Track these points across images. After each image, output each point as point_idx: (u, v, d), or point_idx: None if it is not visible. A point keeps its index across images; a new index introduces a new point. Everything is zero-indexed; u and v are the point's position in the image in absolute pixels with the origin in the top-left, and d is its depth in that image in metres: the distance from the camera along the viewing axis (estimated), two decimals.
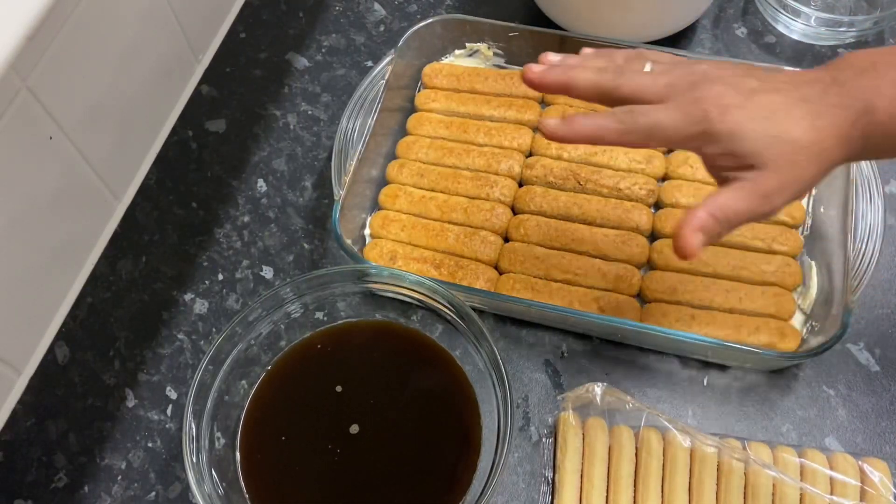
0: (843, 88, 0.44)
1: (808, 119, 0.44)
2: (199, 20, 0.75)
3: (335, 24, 0.81)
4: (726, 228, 0.46)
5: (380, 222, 0.66)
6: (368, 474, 0.53)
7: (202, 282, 0.66)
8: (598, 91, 0.49)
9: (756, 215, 0.46)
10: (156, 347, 0.63)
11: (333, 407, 0.55)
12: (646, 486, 0.53)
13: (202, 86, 0.77)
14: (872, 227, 0.58)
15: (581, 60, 0.51)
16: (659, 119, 0.46)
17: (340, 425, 0.54)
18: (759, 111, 0.44)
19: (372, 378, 0.56)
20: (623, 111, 0.47)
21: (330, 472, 0.53)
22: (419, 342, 0.58)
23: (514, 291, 0.61)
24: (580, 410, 0.57)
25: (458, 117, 0.71)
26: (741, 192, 0.45)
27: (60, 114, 0.58)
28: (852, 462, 0.54)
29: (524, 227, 0.64)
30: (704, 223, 0.45)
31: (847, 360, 0.60)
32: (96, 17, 0.59)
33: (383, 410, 0.55)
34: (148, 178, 0.71)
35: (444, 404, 0.55)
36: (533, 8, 0.78)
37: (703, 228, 0.45)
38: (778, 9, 0.76)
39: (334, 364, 0.58)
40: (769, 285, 0.61)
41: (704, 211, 0.45)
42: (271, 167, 0.72)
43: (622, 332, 0.60)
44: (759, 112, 0.44)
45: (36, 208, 0.58)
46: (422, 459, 0.54)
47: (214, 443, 0.53)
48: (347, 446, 0.54)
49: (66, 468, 0.58)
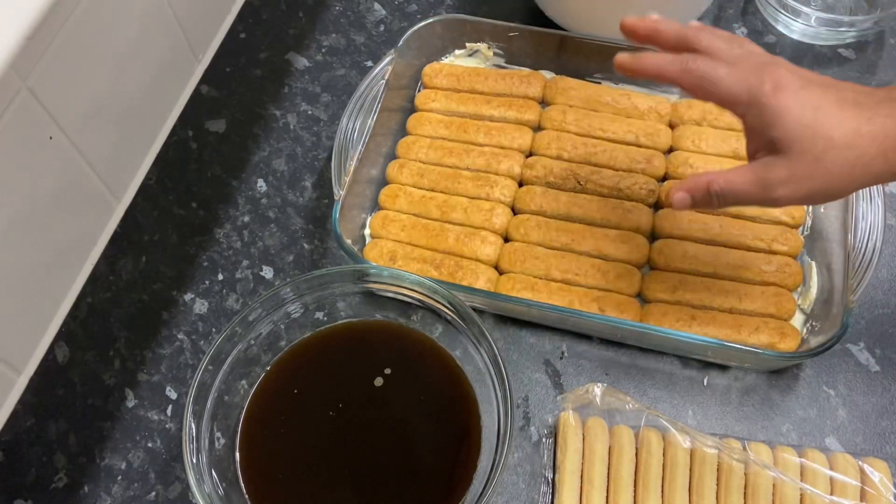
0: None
1: (854, 122, 0.44)
2: (199, 20, 0.75)
3: (335, 24, 0.81)
4: (718, 202, 0.48)
5: (380, 222, 0.66)
6: (368, 474, 0.53)
7: (202, 282, 0.66)
8: (679, 38, 0.50)
9: (753, 200, 0.47)
10: (156, 347, 0.63)
11: (333, 407, 0.55)
12: (646, 487, 0.53)
13: (202, 86, 0.77)
14: (872, 227, 0.58)
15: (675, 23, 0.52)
16: (718, 72, 0.47)
17: (340, 425, 0.54)
18: (810, 101, 0.44)
19: (372, 378, 0.56)
20: (689, 55, 0.49)
21: (330, 472, 0.53)
22: (419, 342, 0.58)
23: (514, 291, 0.61)
24: (580, 410, 0.57)
25: (458, 117, 0.71)
26: (748, 174, 0.47)
27: (60, 114, 0.58)
28: (852, 462, 0.54)
29: (524, 227, 0.64)
30: (695, 188, 0.48)
31: (847, 360, 0.60)
32: (96, 17, 0.59)
33: (383, 410, 0.55)
34: (148, 178, 0.71)
35: (444, 404, 0.55)
36: (533, 8, 0.78)
37: (691, 191, 0.48)
38: (778, 9, 0.76)
39: (334, 364, 0.58)
40: (769, 285, 0.61)
41: (706, 178, 0.48)
42: (271, 167, 0.72)
43: (622, 332, 0.60)
44: (810, 101, 0.44)
45: (36, 208, 0.58)
46: (422, 459, 0.54)
47: (214, 443, 0.53)
48: (347, 446, 0.54)
49: (66, 468, 0.58)
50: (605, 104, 0.70)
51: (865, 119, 0.44)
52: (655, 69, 0.50)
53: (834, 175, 0.44)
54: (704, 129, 0.68)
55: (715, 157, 0.67)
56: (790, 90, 0.45)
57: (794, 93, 0.45)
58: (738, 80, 0.46)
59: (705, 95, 0.48)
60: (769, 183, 0.45)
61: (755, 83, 0.46)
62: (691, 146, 0.67)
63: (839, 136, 0.43)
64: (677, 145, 0.68)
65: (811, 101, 0.44)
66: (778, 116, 0.45)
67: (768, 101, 0.45)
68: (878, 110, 0.44)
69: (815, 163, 0.44)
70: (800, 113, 0.44)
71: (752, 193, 0.47)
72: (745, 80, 0.46)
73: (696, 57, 0.48)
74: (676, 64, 0.49)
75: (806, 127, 0.44)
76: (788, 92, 0.45)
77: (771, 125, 0.45)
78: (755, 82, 0.46)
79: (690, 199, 0.49)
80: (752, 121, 0.47)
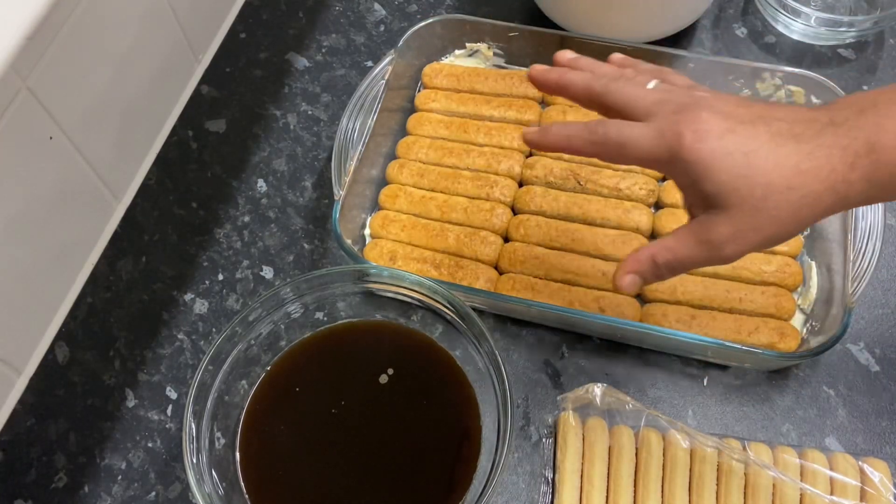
0: (842, 129, 0.40)
1: (793, 160, 0.39)
2: (199, 20, 0.75)
3: (335, 24, 0.81)
4: (668, 273, 0.45)
5: (380, 222, 0.66)
6: (368, 474, 0.53)
7: (202, 282, 0.66)
8: (588, 95, 0.47)
9: (703, 263, 0.43)
10: (156, 347, 0.63)
11: (333, 408, 0.55)
12: (646, 487, 0.53)
13: (202, 86, 0.77)
14: (872, 227, 0.58)
15: (588, 63, 0.49)
16: (632, 135, 0.43)
17: (340, 425, 0.54)
18: (739, 145, 0.40)
19: (372, 378, 0.56)
20: (597, 122, 0.45)
21: (330, 472, 0.53)
22: (419, 342, 0.58)
23: (514, 291, 0.61)
24: (580, 410, 0.57)
25: (458, 117, 0.71)
26: (690, 238, 0.43)
27: (60, 114, 0.58)
28: (852, 462, 0.54)
29: (524, 227, 0.64)
30: (641, 268, 0.45)
31: (847, 360, 0.60)
32: (96, 17, 0.59)
33: (383, 410, 0.55)
34: (148, 178, 0.71)
35: (444, 404, 0.55)
36: (533, 8, 0.78)
37: (639, 272, 0.45)
38: (778, 9, 0.76)
39: (334, 364, 0.58)
40: (769, 285, 0.61)
41: (647, 252, 0.44)
42: (271, 167, 0.72)
43: (622, 332, 0.60)
44: (738, 146, 0.40)
45: (36, 208, 0.58)
46: (422, 459, 0.54)
47: (214, 443, 0.53)
48: (347, 446, 0.54)
49: (66, 468, 0.58)
50: None
51: (805, 154, 0.40)
52: (565, 143, 0.46)
53: (781, 220, 0.40)
54: None
55: None
56: (713, 137, 0.40)
57: (719, 139, 0.40)
58: (653, 138, 0.42)
59: (620, 161, 0.45)
60: (714, 244, 0.42)
61: (673, 138, 0.41)
62: None
63: (778, 179, 0.39)
64: None
65: (740, 145, 0.40)
66: (706, 170, 0.40)
67: (689, 156, 0.40)
68: (820, 140, 0.40)
69: (757, 213, 0.40)
70: (730, 162, 0.40)
71: (698, 257, 0.43)
72: (662, 135, 0.42)
73: (603, 122, 0.44)
74: (584, 134, 0.45)
75: (739, 176, 0.40)
76: (712, 139, 0.40)
77: (700, 180, 0.41)
78: (672, 137, 0.41)
79: (640, 279, 0.45)
80: (680, 179, 0.43)
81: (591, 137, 0.45)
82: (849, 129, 0.40)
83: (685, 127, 0.41)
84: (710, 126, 0.41)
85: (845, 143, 0.40)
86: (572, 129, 0.46)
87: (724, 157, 0.40)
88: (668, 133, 0.42)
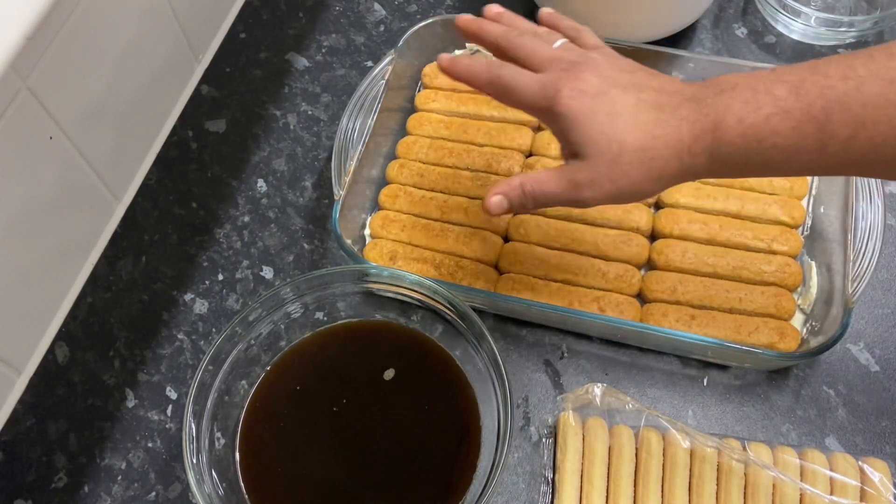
0: (698, 105, 0.44)
1: (648, 126, 0.44)
2: (199, 20, 0.75)
3: (335, 24, 0.81)
4: (532, 203, 0.49)
5: (380, 222, 0.66)
6: (368, 474, 0.53)
7: (202, 282, 0.66)
8: (497, 46, 0.52)
9: (564, 200, 0.48)
10: (156, 347, 0.63)
11: (333, 407, 0.55)
12: (646, 487, 0.53)
13: (202, 86, 0.77)
14: (872, 227, 0.58)
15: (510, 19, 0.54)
16: (519, 81, 0.48)
17: (340, 426, 0.54)
18: (606, 106, 0.45)
19: (371, 378, 0.56)
20: (496, 63, 0.50)
21: (329, 472, 0.53)
22: (419, 342, 0.58)
23: (514, 291, 0.61)
24: (580, 410, 0.57)
25: (458, 117, 0.71)
26: (556, 176, 0.48)
27: (60, 114, 0.58)
28: (852, 462, 0.54)
29: (524, 227, 0.64)
30: (510, 191, 0.49)
31: (847, 360, 0.60)
32: (96, 17, 0.59)
33: (383, 410, 0.55)
34: (148, 178, 0.71)
35: (445, 404, 0.55)
36: (533, 8, 0.78)
37: (507, 194, 0.49)
38: (778, 9, 0.76)
39: (334, 364, 0.58)
40: (769, 285, 0.61)
41: (518, 179, 0.49)
42: (271, 167, 0.72)
43: (622, 332, 0.60)
44: (605, 107, 0.45)
45: (36, 208, 0.58)
46: (422, 459, 0.54)
47: (214, 443, 0.53)
48: (347, 446, 0.54)
49: (66, 468, 0.58)
50: None
51: (661, 122, 0.44)
52: (468, 75, 0.51)
53: (632, 177, 0.45)
54: None
55: None
56: (586, 96, 0.45)
57: (591, 98, 0.45)
58: (537, 88, 0.47)
59: (508, 103, 0.50)
60: (576, 184, 0.46)
61: (552, 91, 0.46)
62: None
63: (631, 140, 0.44)
64: None
65: (606, 106, 0.45)
66: (572, 123, 0.46)
67: (561, 110, 0.46)
68: (677, 112, 0.44)
69: (612, 165, 0.45)
70: (595, 119, 0.45)
71: (560, 194, 0.47)
72: (545, 88, 0.47)
73: (503, 65, 0.50)
74: (484, 72, 0.50)
75: (600, 133, 0.45)
76: (585, 98, 0.45)
77: (567, 131, 0.46)
78: (553, 90, 0.46)
79: (507, 201, 0.49)
80: (553, 127, 0.48)
81: (488, 76, 0.50)
82: (704, 105, 0.44)
83: (565, 84, 0.46)
84: (586, 86, 0.46)
85: (695, 119, 0.44)
86: (477, 66, 0.51)
87: (591, 115, 0.45)
88: (549, 87, 0.47)
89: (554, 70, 0.47)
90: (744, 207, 0.64)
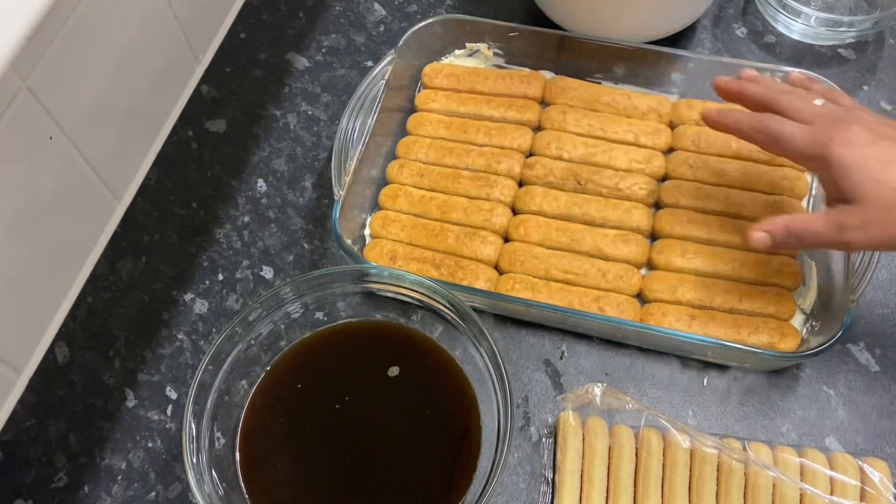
0: None
1: None
2: (199, 20, 0.75)
3: (335, 24, 0.81)
4: (796, 242, 0.52)
5: (380, 222, 0.66)
6: (368, 474, 0.53)
7: (202, 282, 0.66)
8: (760, 102, 0.56)
9: (829, 242, 0.51)
10: (156, 347, 0.63)
11: (333, 407, 0.55)
12: (646, 487, 0.53)
13: (202, 86, 0.77)
14: None
15: (766, 80, 0.58)
16: (789, 131, 0.52)
17: (340, 426, 0.54)
18: (879, 155, 0.48)
19: (372, 378, 0.56)
20: (765, 115, 0.54)
21: (330, 472, 0.53)
22: (419, 342, 0.58)
23: (514, 291, 0.61)
24: (580, 410, 0.57)
25: (458, 117, 0.71)
26: (823, 218, 0.50)
27: (60, 114, 0.58)
28: (852, 462, 0.54)
29: (524, 227, 0.64)
30: (774, 229, 0.52)
31: (847, 360, 0.60)
32: (96, 17, 0.59)
33: (383, 410, 0.55)
34: (148, 178, 0.71)
35: (444, 404, 0.55)
36: (533, 8, 0.78)
37: (771, 232, 0.52)
38: (778, 9, 0.76)
39: (334, 364, 0.58)
40: (769, 285, 0.61)
41: (783, 219, 0.52)
42: (271, 167, 0.72)
43: (622, 332, 0.60)
44: (878, 156, 0.48)
45: (36, 208, 0.58)
46: (422, 459, 0.54)
47: (214, 443, 0.53)
48: (347, 446, 0.54)
49: (66, 468, 0.58)
50: (605, 104, 0.70)
51: None
52: (735, 125, 0.56)
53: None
54: (704, 129, 0.68)
55: (716, 158, 0.67)
56: (858, 146, 0.49)
57: (863, 148, 0.48)
58: (808, 138, 0.51)
59: (779, 152, 0.53)
60: (844, 226, 0.49)
61: (824, 141, 0.50)
62: (691, 146, 0.67)
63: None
64: (677, 145, 0.68)
65: (879, 155, 0.48)
66: (847, 171, 0.49)
67: (835, 158, 0.49)
68: None
69: (885, 211, 0.47)
70: (868, 167, 0.48)
71: (826, 235, 0.50)
72: (816, 138, 0.50)
73: (771, 116, 0.53)
74: (753, 122, 0.54)
75: (873, 179, 0.48)
76: (857, 147, 0.48)
77: (841, 178, 0.49)
78: (824, 140, 0.50)
79: (771, 238, 0.52)
80: (824, 175, 0.51)
81: (756, 125, 0.54)
82: None
83: (836, 134, 0.50)
84: (857, 137, 0.49)
85: None
86: (743, 116, 0.55)
87: (864, 162, 0.48)
88: (820, 136, 0.50)
89: (820, 123, 0.51)
90: (744, 208, 0.64)
